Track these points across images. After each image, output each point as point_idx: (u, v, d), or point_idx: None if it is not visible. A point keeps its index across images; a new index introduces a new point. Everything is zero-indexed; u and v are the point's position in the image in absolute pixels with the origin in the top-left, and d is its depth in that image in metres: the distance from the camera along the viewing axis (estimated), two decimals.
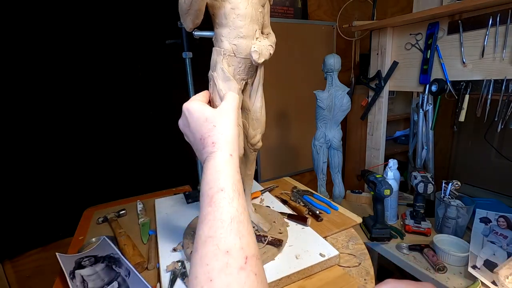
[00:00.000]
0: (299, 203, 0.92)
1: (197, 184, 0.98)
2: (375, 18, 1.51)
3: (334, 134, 1.26)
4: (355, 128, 2.02)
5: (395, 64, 1.34)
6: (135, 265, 0.62)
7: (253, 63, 0.51)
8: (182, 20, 0.49)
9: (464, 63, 1.08)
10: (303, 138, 1.97)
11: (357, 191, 1.48)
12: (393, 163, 1.21)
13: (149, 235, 0.77)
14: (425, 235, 1.14)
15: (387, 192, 1.03)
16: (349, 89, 1.21)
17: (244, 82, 0.55)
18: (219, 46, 0.51)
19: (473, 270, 0.88)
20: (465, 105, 1.09)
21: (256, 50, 0.49)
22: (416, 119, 1.33)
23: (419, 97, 1.26)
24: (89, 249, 0.70)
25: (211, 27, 0.53)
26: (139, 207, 0.93)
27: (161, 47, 1.27)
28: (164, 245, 0.68)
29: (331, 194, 1.36)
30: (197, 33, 0.53)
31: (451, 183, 1.12)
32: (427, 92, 1.20)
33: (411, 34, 1.25)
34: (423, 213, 1.18)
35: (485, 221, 1.05)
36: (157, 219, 0.82)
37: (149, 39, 1.26)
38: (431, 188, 1.10)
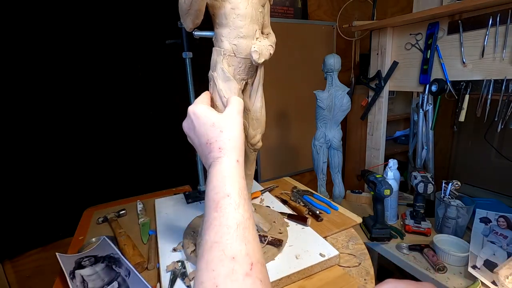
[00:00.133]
0: (299, 203, 0.92)
1: (197, 184, 0.98)
2: (375, 18, 1.51)
3: (334, 134, 1.26)
4: (355, 128, 2.02)
5: (395, 64, 1.34)
6: (135, 265, 0.62)
7: (253, 63, 0.51)
8: (182, 20, 0.49)
9: (464, 63, 1.08)
10: (303, 138, 1.97)
11: (357, 191, 1.48)
12: (393, 163, 1.21)
13: (149, 235, 0.77)
14: (425, 235, 1.14)
15: (387, 192, 1.03)
16: (349, 89, 1.21)
17: (244, 82, 0.55)
18: (219, 46, 0.51)
19: (473, 270, 0.88)
20: (465, 105, 1.09)
21: (256, 50, 0.49)
22: (416, 119, 1.33)
23: (419, 97, 1.26)
24: (89, 249, 0.70)
25: (211, 27, 0.53)
26: (139, 207, 0.93)
27: (161, 47, 1.27)
28: (164, 245, 0.68)
29: (331, 194, 1.36)
30: (197, 33, 0.53)
31: (451, 183, 1.12)
32: (427, 92, 1.20)
33: (411, 34, 1.25)
34: (423, 213, 1.18)
35: (485, 221, 1.05)
36: (157, 219, 0.82)
37: (149, 39, 1.26)
38: (431, 188, 1.10)
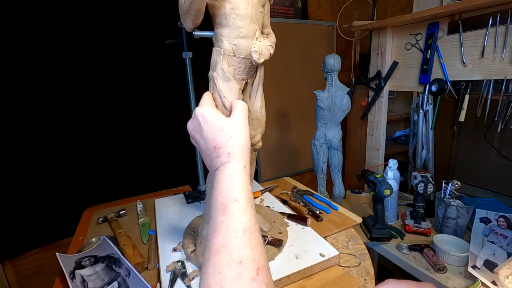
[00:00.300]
0: (299, 203, 0.92)
1: (197, 184, 0.98)
2: (375, 18, 1.51)
3: (334, 134, 1.26)
4: (355, 128, 2.02)
5: (395, 64, 1.34)
6: (135, 265, 0.62)
7: (253, 63, 0.51)
8: (182, 20, 0.49)
9: (464, 63, 1.08)
10: (303, 138, 1.97)
11: (357, 191, 1.48)
12: (393, 163, 1.21)
13: (149, 235, 0.77)
14: (425, 235, 1.14)
15: (387, 192, 1.03)
16: (349, 89, 1.21)
17: (244, 82, 0.55)
18: (219, 46, 0.51)
19: (473, 270, 0.88)
20: (465, 105, 1.09)
21: (256, 50, 0.49)
22: (416, 119, 1.33)
23: (419, 97, 1.26)
24: (89, 249, 0.70)
25: (211, 27, 0.53)
26: (139, 207, 0.93)
27: (161, 47, 1.27)
28: (164, 245, 0.68)
29: (331, 194, 1.36)
30: (197, 33, 0.53)
31: (451, 183, 1.12)
32: (427, 92, 1.20)
33: (411, 34, 1.25)
34: (423, 213, 1.18)
35: (485, 221, 1.05)
36: (157, 219, 0.82)
37: (149, 39, 1.26)
38: (431, 188, 1.10)
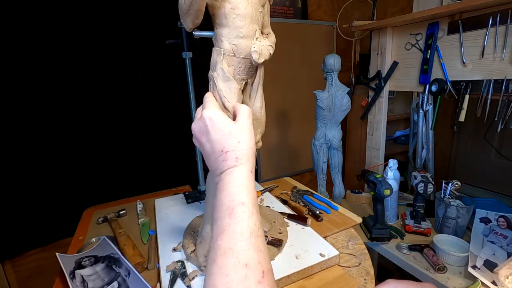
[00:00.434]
0: (299, 203, 0.92)
1: (197, 184, 0.98)
2: (375, 18, 1.51)
3: (334, 134, 1.26)
4: (355, 128, 2.02)
5: (395, 64, 1.34)
6: (135, 265, 0.62)
7: (253, 63, 0.51)
8: (182, 20, 0.49)
9: (464, 63, 1.08)
10: (303, 138, 1.97)
11: (357, 191, 1.48)
12: (393, 163, 1.21)
13: (149, 235, 0.77)
14: (425, 235, 1.14)
15: (387, 192, 1.03)
16: (349, 89, 1.21)
17: (244, 82, 0.55)
18: (219, 46, 0.51)
19: (473, 270, 0.88)
20: (465, 105, 1.09)
21: (256, 50, 0.49)
22: (416, 119, 1.33)
23: (419, 97, 1.26)
24: (89, 249, 0.70)
25: (211, 27, 0.53)
26: (139, 207, 0.93)
27: (161, 47, 1.27)
28: (164, 245, 0.68)
29: (331, 194, 1.36)
30: (197, 33, 0.53)
31: (451, 183, 1.12)
32: (427, 92, 1.20)
33: (411, 34, 1.25)
34: (423, 213, 1.18)
35: (485, 221, 1.05)
36: (157, 219, 0.82)
37: (149, 39, 1.26)
38: (431, 188, 1.10)
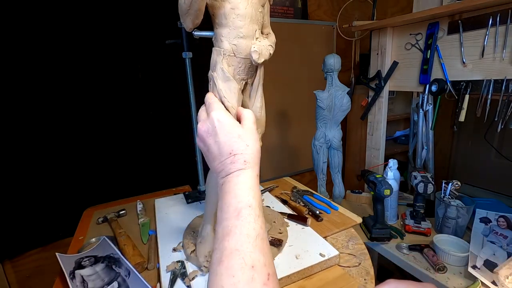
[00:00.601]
0: (299, 203, 0.92)
1: (197, 184, 0.98)
2: (375, 18, 1.51)
3: (334, 134, 1.26)
4: (355, 128, 2.02)
5: (395, 64, 1.34)
6: (135, 265, 0.62)
7: (253, 63, 0.51)
8: (182, 20, 0.48)
9: (464, 63, 1.08)
10: (303, 138, 1.97)
11: (357, 191, 1.48)
12: (393, 163, 1.21)
13: (149, 235, 0.77)
14: (425, 235, 1.14)
15: (387, 192, 1.03)
16: (349, 89, 1.21)
17: (244, 82, 0.55)
18: (219, 46, 0.51)
19: (473, 270, 0.88)
20: (465, 105, 1.09)
21: (256, 50, 0.49)
22: (416, 119, 1.33)
23: (419, 97, 1.26)
24: (89, 249, 0.70)
25: (211, 27, 0.53)
26: (139, 207, 0.93)
27: (161, 47, 1.27)
28: (164, 245, 0.68)
29: (331, 194, 1.36)
30: (197, 33, 0.53)
31: (451, 183, 1.12)
32: (427, 92, 1.20)
33: (411, 34, 1.25)
34: (423, 213, 1.18)
35: (485, 221, 1.05)
36: (157, 219, 0.82)
37: (149, 39, 1.26)
38: (431, 188, 1.10)
